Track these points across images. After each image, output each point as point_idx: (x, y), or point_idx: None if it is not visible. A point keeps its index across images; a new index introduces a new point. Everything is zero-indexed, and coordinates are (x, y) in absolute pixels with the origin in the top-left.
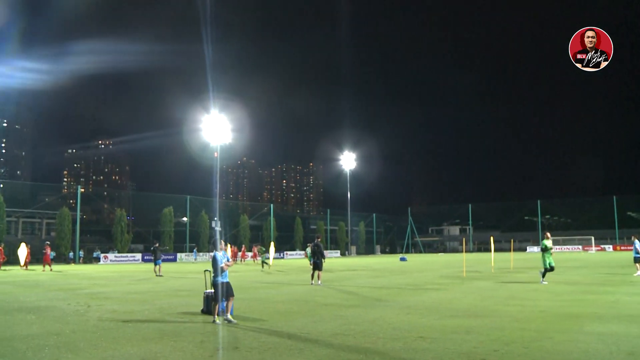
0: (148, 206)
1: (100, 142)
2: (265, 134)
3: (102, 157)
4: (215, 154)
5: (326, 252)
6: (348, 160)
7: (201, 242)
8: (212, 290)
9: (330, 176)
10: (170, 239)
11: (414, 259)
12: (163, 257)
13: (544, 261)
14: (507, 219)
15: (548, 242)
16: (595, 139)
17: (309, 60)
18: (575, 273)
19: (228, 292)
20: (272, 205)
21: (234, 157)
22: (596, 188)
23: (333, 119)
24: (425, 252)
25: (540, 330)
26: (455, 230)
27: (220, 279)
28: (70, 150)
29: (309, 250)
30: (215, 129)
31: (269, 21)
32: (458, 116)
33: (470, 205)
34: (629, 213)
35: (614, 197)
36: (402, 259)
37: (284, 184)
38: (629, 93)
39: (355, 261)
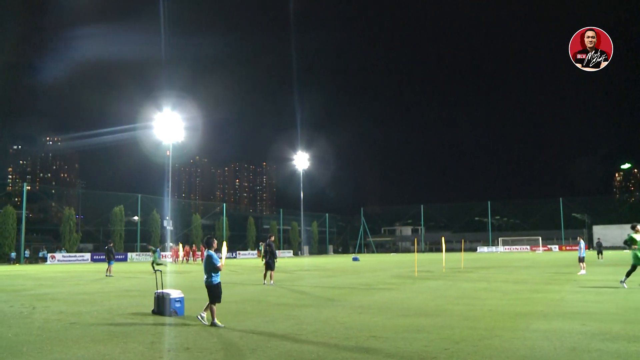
0: (98, 205)
1: (48, 138)
2: (219, 132)
3: (50, 154)
4: (168, 153)
5: (279, 252)
6: (301, 160)
7: (152, 241)
8: (163, 291)
9: (283, 176)
10: (121, 238)
11: (366, 259)
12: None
13: (636, 257)
14: (458, 219)
15: (638, 236)
16: (543, 143)
17: (263, 59)
18: (524, 272)
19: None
20: (224, 204)
21: (187, 155)
22: (544, 190)
23: (287, 118)
24: (377, 252)
25: (489, 328)
26: (407, 230)
27: (217, 279)
28: (15, 147)
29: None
30: (168, 127)
31: (223, 19)
32: (411, 118)
33: (422, 206)
34: (574, 214)
35: (560, 199)
36: (355, 259)
37: (237, 183)
38: (577, 97)
39: (308, 261)
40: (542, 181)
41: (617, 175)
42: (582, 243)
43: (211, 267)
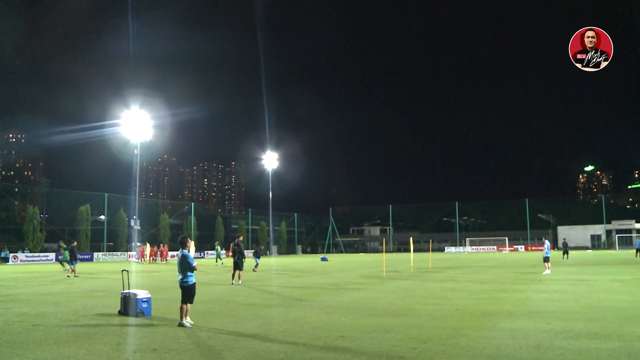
0: (63, 204)
1: (11, 135)
2: (187, 132)
3: (14, 152)
4: (135, 151)
5: (247, 252)
6: (270, 160)
7: (119, 241)
8: (130, 291)
9: (252, 175)
10: (87, 238)
11: (335, 259)
12: (79, 256)
13: None
14: (426, 220)
15: None
16: (510, 146)
17: (232, 58)
18: (490, 272)
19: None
20: (192, 204)
21: (155, 154)
22: (510, 191)
23: (256, 118)
24: (346, 252)
25: (456, 327)
26: (375, 230)
27: (192, 279)
28: None
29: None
30: (136, 125)
31: (192, 17)
32: (380, 119)
33: (390, 206)
34: (539, 215)
35: (526, 200)
36: (323, 259)
37: (206, 183)
38: (544, 102)
39: (277, 261)
40: (509, 183)
41: (581, 177)
42: (547, 243)
43: (186, 267)
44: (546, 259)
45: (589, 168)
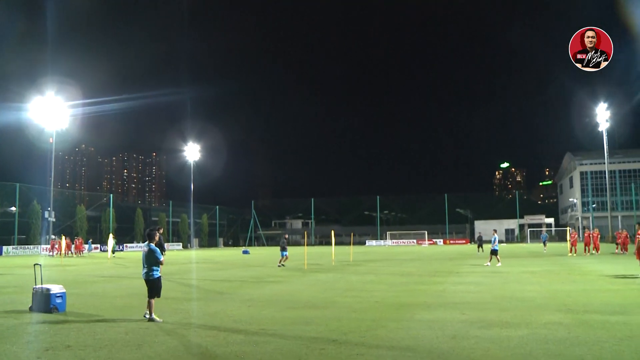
0: None
1: None
2: (106, 121)
3: None
4: (51, 140)
5: (167, 245)
6: (192, 152)
7: (32, 234)
8: (42, 286)
9: (174, 167)
10: None
11: (256, 252)
12: None
13: None
14: (348, 213)
15: None
16: (430, 141)
17: (153, 46)
18: (410, 265)
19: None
20: (111, 195)
21: (72, 143)
22: (430, 186)
23: (178, 109)
24: (268, 245)
25: (376, 319)
26: (298, 223)
27: (157, 274)
28: None
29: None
30: (51, 112)
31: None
32: (302, 112)
33: (313, 199)
34: (457, 209)
35: (445, 195)
36: (245, 252)
37: (125, 174)
38: (463, 99)
39: (198, 254)
40: (429, 178)
41: (497, 173)
42: (496, 237)
43: (153, 261)
44: (494, 252)
45: (505, 165)
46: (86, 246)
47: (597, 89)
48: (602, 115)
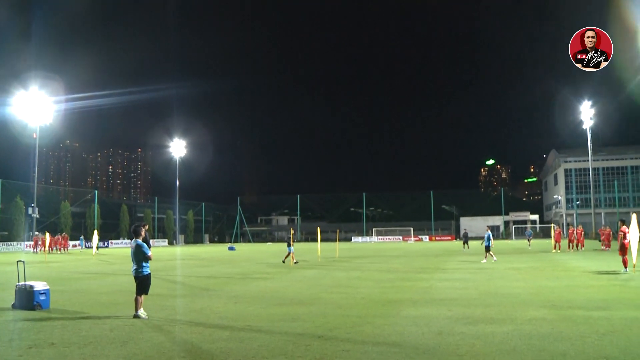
0: None
1: None
2: (91, 116)
3: None
4: (34, 135)
5: (153, 241)
6: (178, 148)
7: (15, 230)
8: (26, 283)
9: (159, 163)
10: None
11: (242, 248)
12: None
13: None
14: (334, 210)
15: None
16: (415, 138)
17: (139, 42)
18: (396, 262)
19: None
20: (96, 191)
21: (56, 139)
22: (415, 183)
23: (164, 104)
24: (253, 241)
25: (362, 315)
26: (283, 220)
27: (147, 270)
28: None
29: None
30: (35, 107)
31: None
32: (288, 108)
33: (299, 196)
34: (443, 206)
35: (431, 192)
36: (231, 248)
37: (110, 170)
38: (448, 98)
39: (183, 250)
40: (415, 175)
41: (482, 170)
42: (489, 233)
43: (141, 257)
44: (487, 249)
45: (490, 162)
46: (71, 242)
47: (582, 87)
48: (587, 114)
